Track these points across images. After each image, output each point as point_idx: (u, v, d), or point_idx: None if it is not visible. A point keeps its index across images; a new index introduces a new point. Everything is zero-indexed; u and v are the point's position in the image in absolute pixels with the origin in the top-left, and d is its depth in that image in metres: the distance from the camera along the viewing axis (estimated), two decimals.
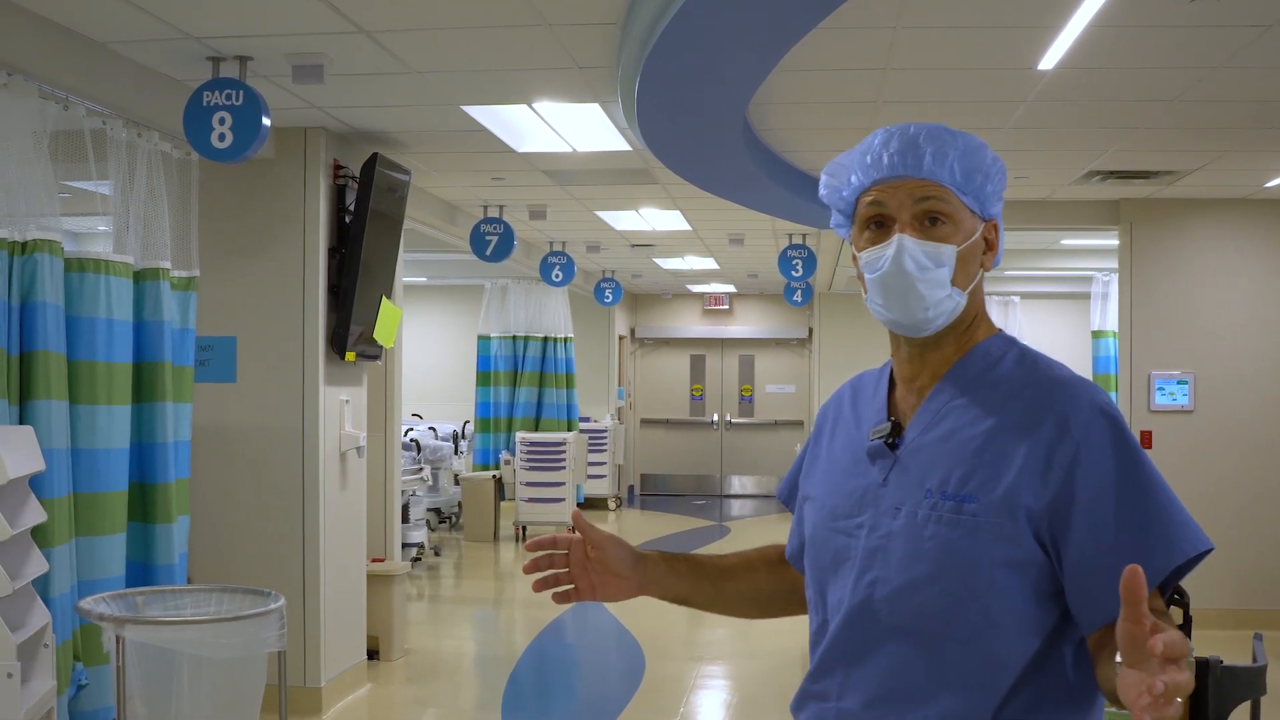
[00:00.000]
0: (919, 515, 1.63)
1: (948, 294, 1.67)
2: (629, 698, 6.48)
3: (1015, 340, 1.75)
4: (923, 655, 1.61)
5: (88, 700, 4.41)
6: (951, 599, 1.59)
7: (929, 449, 1.67)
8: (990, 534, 1.58)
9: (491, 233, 8.33)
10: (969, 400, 1.68)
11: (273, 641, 4.06)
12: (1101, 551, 1.54)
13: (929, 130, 1.69)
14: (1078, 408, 1.60)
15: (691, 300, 17.22)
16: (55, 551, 4.17)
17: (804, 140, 6.27)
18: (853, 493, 1.73)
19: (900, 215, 1.68)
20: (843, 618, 1.68)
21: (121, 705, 3.91)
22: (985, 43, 4.55)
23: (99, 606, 4.08)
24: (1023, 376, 1.67)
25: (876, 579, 1.65)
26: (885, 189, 1.69)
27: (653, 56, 3.99)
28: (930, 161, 1.67)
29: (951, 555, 1.59)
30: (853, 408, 1.85)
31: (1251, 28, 4.23)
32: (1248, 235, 7.97)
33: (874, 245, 1.70)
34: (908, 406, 1.75)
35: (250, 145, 4.61)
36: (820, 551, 1.77)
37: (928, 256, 1.66)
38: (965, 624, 1.58)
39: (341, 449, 6.12)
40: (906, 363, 1.76)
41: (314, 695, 5.84)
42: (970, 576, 1.58)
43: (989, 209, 1.72)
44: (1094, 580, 1.55)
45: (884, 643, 1.64)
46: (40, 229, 4.23)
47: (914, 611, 1.61)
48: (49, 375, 4.24)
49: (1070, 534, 1.56)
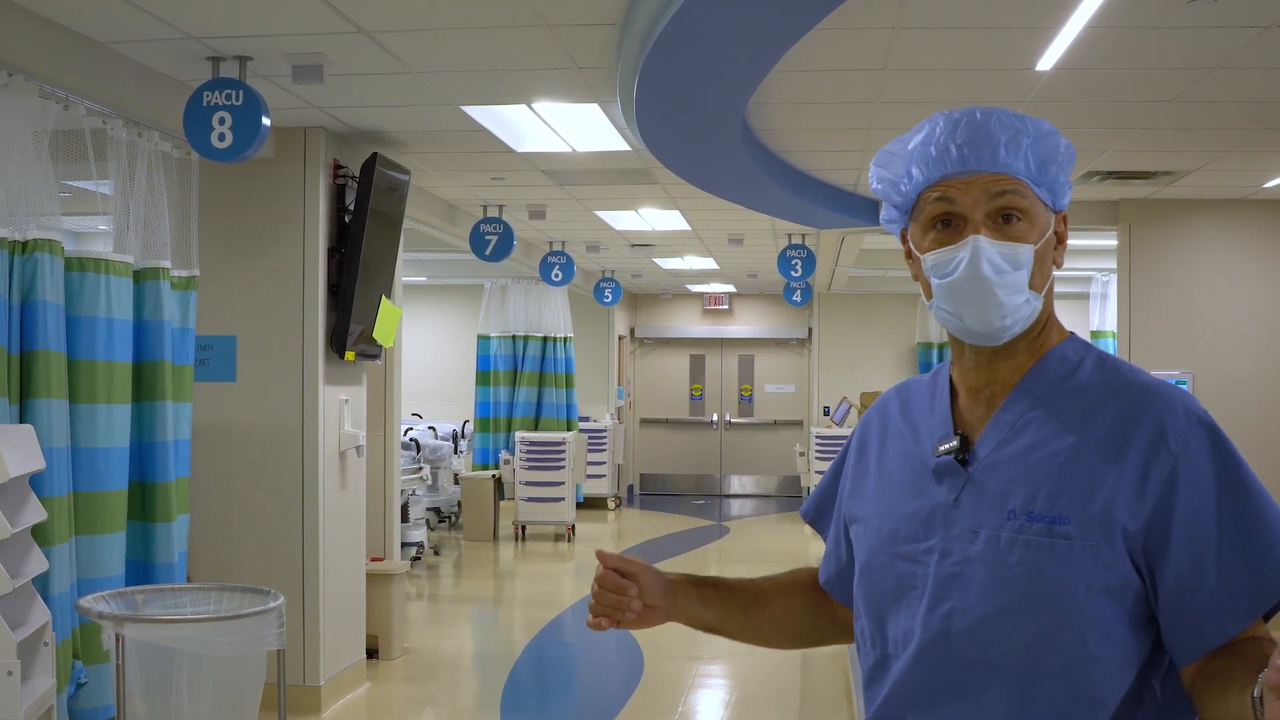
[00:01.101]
0: (1002, 538, 1.48)
1: (1026, 299, 1.52)
2: (628, 697, 6.48)
3: (1091, 344, 1.61)
4: (1010, 693, 1.46)
5: (87, 698, 4.42)
6: (1043, 630, 1.44)
7: (1008, 465, 1.52)
8: (1086, 557, 1.43)
9: (491, 232, 8.33)
10: (1048, 411, 1.53)
11: (272, 640, 4.07)
12: (1203, 575, 1.42)
13: (999, 116, 1.52)
14: (1174, 417, 1.46)
15: (691, 300, 17.22)
16: (55, 550, 4.18)
17: (803, 140, 6.28)
18: (916, 514, 1.57)
19: (973, 214, 1.51)
20: (914, 654, 1.52)
21: (121, 703, 3.91)
22: (984, 43, 4.56)
23: (99, 605, 4.09)
24: (1107, 384, 1.53)
25: (954, 610, 1.49)
26: (955, 184, 1.52)
27: (651, 56, 4.00)
28: (1004, 152, 1.51)
29: (1042, 581, 1.44)
30: (905, 419, 1.68)
31: (1249, 28, 4.24)
32: (1246, 236, 7.98)
33: (943, 247, 1.53)
34: (975, 418, 1.59)
35: (250, 145, 4.62)
36: (878, 580, 1.60)
37: (1005, 259, 1.50)
38: (1058, 657, 1.44)
39: (341, 448, 6.13)
40: (973, 371, 1.60)
41: (313, 694, 5.85)
42: (1063, 604, 1.44)
43: (1060, 200, 1.57)
44: (1194, 606, 1.42)
45: (964, 680, 1.49)
46: (41, 228, 4.24)
47: (1000, 645, 1.46)
48: (49, 374, 4.25)
49: (1169, 555, 1.43)
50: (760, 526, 14.15)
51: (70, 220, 6.08)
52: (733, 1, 3.68)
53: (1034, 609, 1.45)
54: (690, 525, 13.93)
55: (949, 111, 1.56)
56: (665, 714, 6.21)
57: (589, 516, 13.73)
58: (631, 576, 1.72)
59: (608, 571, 1.71)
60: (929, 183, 1.54)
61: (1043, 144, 1.54)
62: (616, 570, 1.71)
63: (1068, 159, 1.57)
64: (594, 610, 1.73)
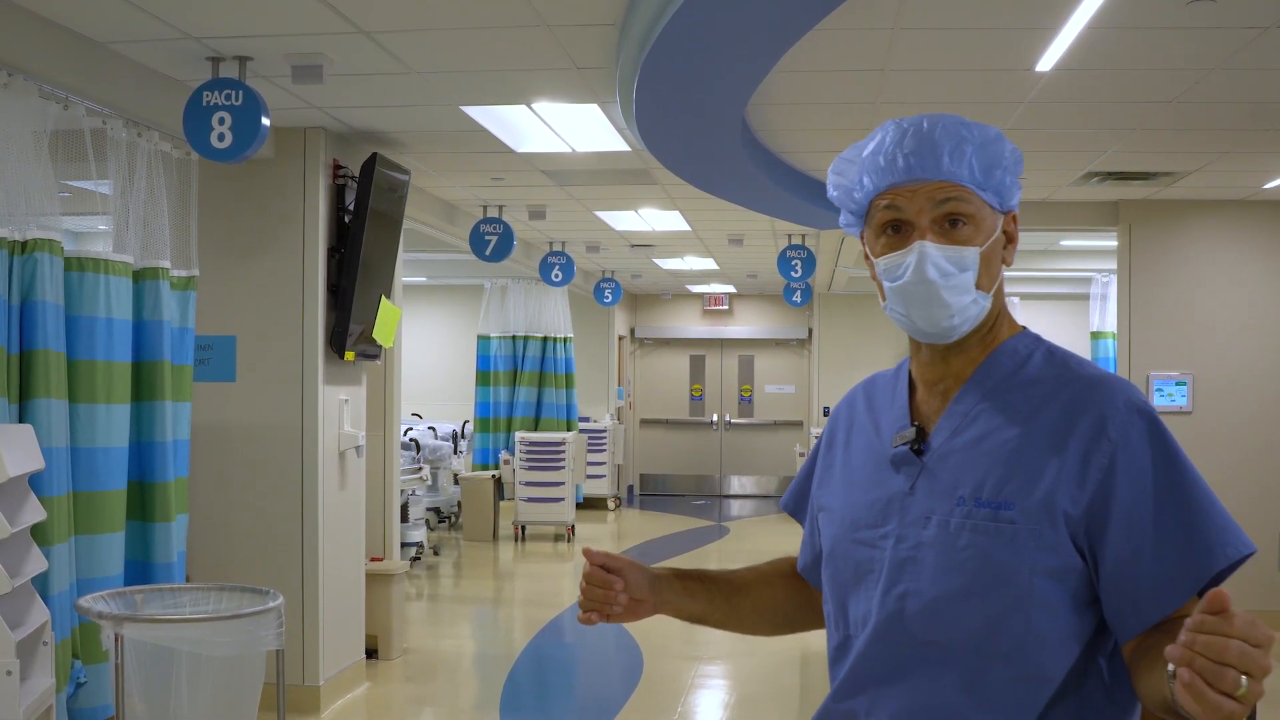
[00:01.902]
0: (952, 524, 1.56)
1: (973, 299, 1.60)
2: (627, 696, 6.49)
3: (1041, 338, 1.68)
4: (960, 670, 1.53)
5: (86, 698, 4.42)
6: (991, 611, 1.52)
7: (959, 454, 1.60)
8: (1029, 541, 1.51)
9: (491, 233, 8.33)
10: (998, 403, 1.60)
11: (271, 640, 4.07)
12: (1140, 557, 1.49)
13: (944, 125, 1.59)
14: (1114, 407, 1.53)
15: (691, 300, 17.22)
16: (54, 550, 4.18)
17: (803, 141, 6.28)
18: (875, 503, 1.65)
19: (919, 220, 1.59)
20: (870, 634, 1.61)
21: (120, 703, 3.92)
22: (983, 44, 4.56)
23: (98, 604, 4.09)
24: (1054, 376, 1.60)
25: (907, 592, 1.57)
26: (901, 192, 1.60)
27: (651, 57, 4.00)
28: (948, 161, 1.58)
29: (989, 565, 1.52)
30: (869, 412, 1.76)
31: (1249, 29, 4.24)
32: (1246, 236, 7.98)
33: (892, 252, 1.61)
34: (931, 410, 1.67)
35: (250, 145, 4.62)
36: (841, 565, 1.69)
37: (951, 262, 1.58)
38: (1006, 636, 1.51)
39: (341, 448, 6.13)
40: (929, 366, 1.68)
41: (312, 694, 5.85)
42: (1010, 586, 1.51)
43: (1008, 201, 1.64)
44: (1132, 586, 1.49)
45: (917, 658, 1.56)
46: (40, 228, 4.24)
47: (950, 625, 1.54)
48: (49, 374, 4.25)
49: (1108, 539, 1.50)
50: (760, 527, 14.15)
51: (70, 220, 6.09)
52: (732, 2, 3.68)
53: (982, 591, 1.53)
54: (690, 526, 13.93)
55: (900, 120, 1.63)
56: (665, 714, 6.21)
57: (589, 517, 13.73)
58: (617, 572, 1.80)
59: (594, 568, 1.79)
60: (878, 191, 1.62)
61: (987, 150, 1.60)
62: (603, 567, 1.79)
63: (1014, 162, 1.63)
64: (583, 605, 1.81)
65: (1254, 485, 7.74)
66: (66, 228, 4.64)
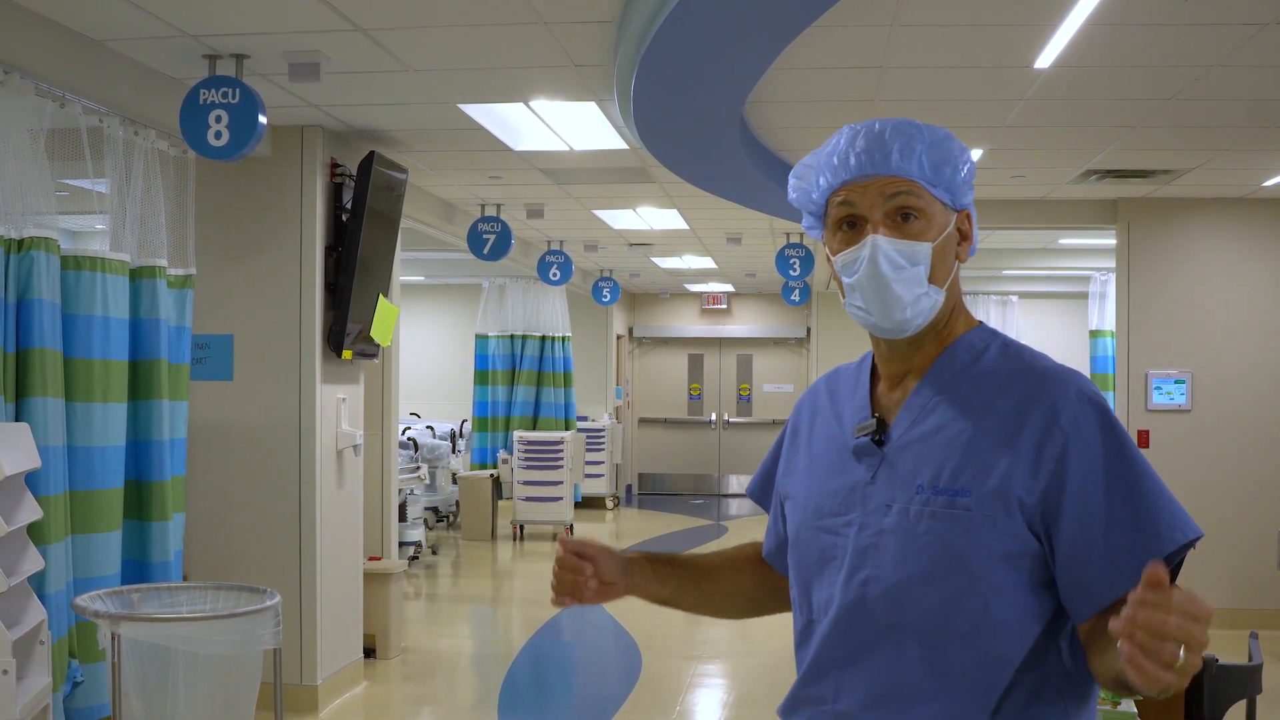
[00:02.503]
0: (911, 511, 1.61)
1: (925, 292, 1.65)
2: (625, 696, 6.48)
3: (997, 332, 1.74)
4: (921, 653, 1.59)
5: (83, 697, 4.41)
6: (949, 594, 1.58)
7: (917, 445, 1.65)
8: (985, 527, 1.56)
9: (489, 231, 8.32)
10: (954, 395, 1.66)
11: (268, 639, 4.06)
12: (1092, 541, 1.55)
13: (895, 125, 1.67)
14: (1065, 398, 1.59)
15: (689, 299, 17.22)
16: (51, 549, 4.17)
17: (801, 139, 6.27)
18: (838, 491, 1.71)
19: (872, 215, 1.65)
20: (834, 618, 1.66)
21: (117, 702, 3.91)
22: (981, 41, 4.55)
23: (94, 604, 4.08)
24: (1008, 368, 1.66)
25: (869, 577, 1.63)
26: (854, 188, 1.67)
27: (648, 54, 3.99)
28: (898, 157, 1.64)
29: (946, 550, 1.58)
30: (831, 403, 1.83)
31: (1247, 25, 4.24)
32: (1245, 235, 7.97)
33: (848, 247, 1.67)
34: (891, 402, 1.73)
35: (247, 143, 4.61)
36: (804, 551, 1.75)
37: (902, 255, 1.64)
38: (964, 619, 1.57)
39: (338, 447, 6.12)
40: (888, 360, 1.74)
41: (310, 693, 5.84)
42: (967, 571, 1.57)
43: (960, 199, 1.70)
44: (1085, 570, 1.55)
45: (880, 642, 1.62)
46: (37, 227, 4.24)
47: (910, 608, 1.60)
48: (45, 373, 4.24)
49: (1061, 525, 1.56)
50: (758, 526, 13.99)
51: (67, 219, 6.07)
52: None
53: (941, 575, 1.58)
54: (688, 525, 13.93)
55: (856, 124, 1.71)
56: (663, 713, 6.20)
57: (587, 516, 13.72)
58: (589, 558, 1.86)
59: (566, 554, 1.86)
60: (833, 188, 1.69)
61: (937, 149, 1.66)
62: (575, 553, 1.85)
63: (964, 160, 1.69)
64: (555, 589, 1.87)
65: (1253, 483, 7.74)
66: (63, 226, 4.62)
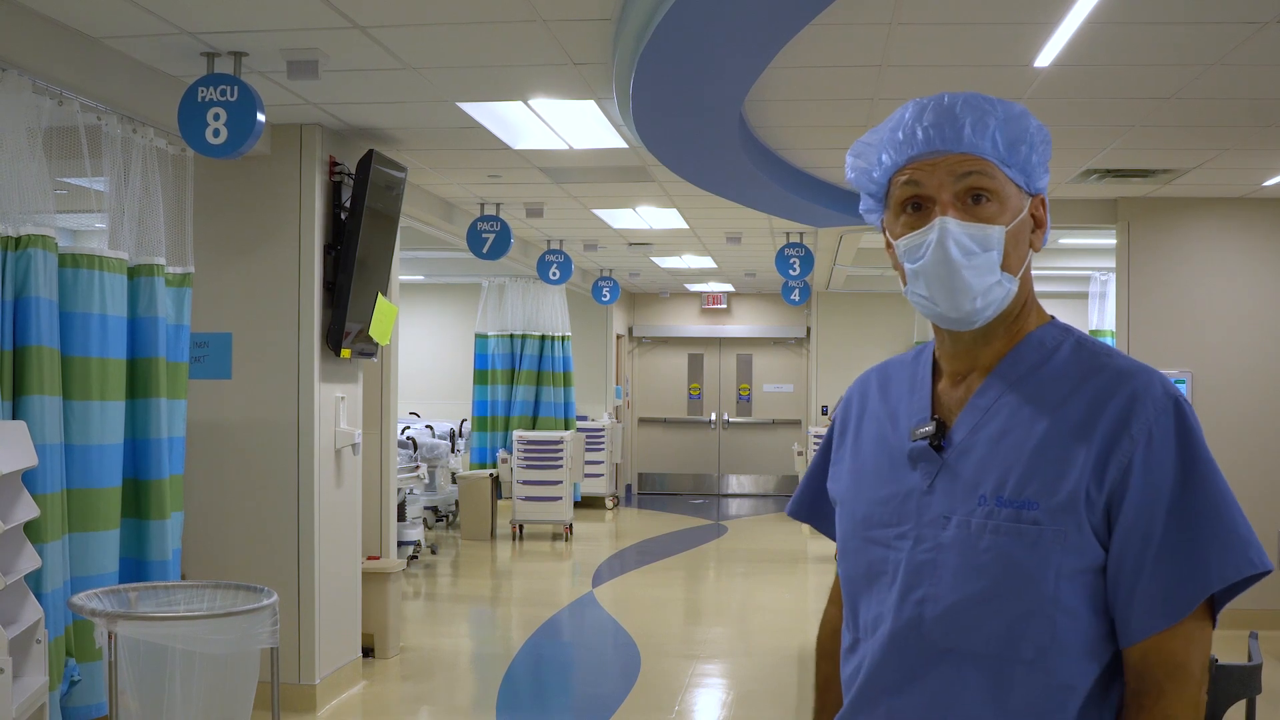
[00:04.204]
0: (972, 525, 1.47)
1: (997, 280, 1.51)
2: (624, 695, 6.47)
3: (1071, 328, 1.59)
4: (982, 680, 1.45)
5: (80, 696, 4.40)
6: (1014, 616, 1.44)
7: (980, 450, 1.51)
8: (1054, 542, 1.43)
9: (488, 230, 8.32)
10: (1023, 396, 1.52)
11: (265, 638, 4.06)
12: (1140, 567, 1.43)
13: (965, 99, 1.52)
14: (1140, 402, 1.45)
15: (689, 299, 17.21)
16: (48, 547, 4.17)
17: (800, 137, 6.26)
18: (889, 499, 1.56)
19: (940, 195, 1.50)
20: (885, 640, 1.52)
21: (114, 701, 3.90)
22: (981, 39, 4.55)
23: (91, 602, 4.08)
24: (1080, 368, 1.52)
25: (925, 597, 1.49)
26: (921, 166, 1.51)
27: (647, 52, 3.99)
28: (970, 132, 1.50)
29: (1011, 568, 1.44)
30: (883, 400, 1.67)
31: (1246, 24, 4.23)
32: (1245, 234, 7.97)
33: (912, 231, 1.52)
34: (953, 402, 1.57)
35: (245, 141, 4.60)
36: (851, 564, 1.61)
37: (974, 240, 1.49)
38: (1029, 644, 1.44)
39: (337, 446, 6.12)
40: (952, 355, 1.59)
41: (308, 692, 5.83)
42: (1034, 590, 1.44)
43: (1035, 182, 1.55)
44: (1128, 596, 1.44)
45: (936, 667, 1.48)
46: (35, 225, 4.23)
47: (971, 631, 1.46)
48: (42, 371, 4.23)
49: (1113, 541, 1.44)
50: (758, 526, 14.13)
51: (65, 217, 6.06)
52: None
53: (1005, 596, 1.45)
54: (688, 525, 13.92)
55: (921, 98, 1.56)
56: (662, 713, 6.19)
57: (587, 516, 13.71)
58: None
59: None
60: (897, 166, 1.54)
61: (1012, 125, 1.52)
62: None
63: (1040, 140, 1.55)
64: None
65: (1253, 483, 7.72)
66: (61, 224, 4.62)
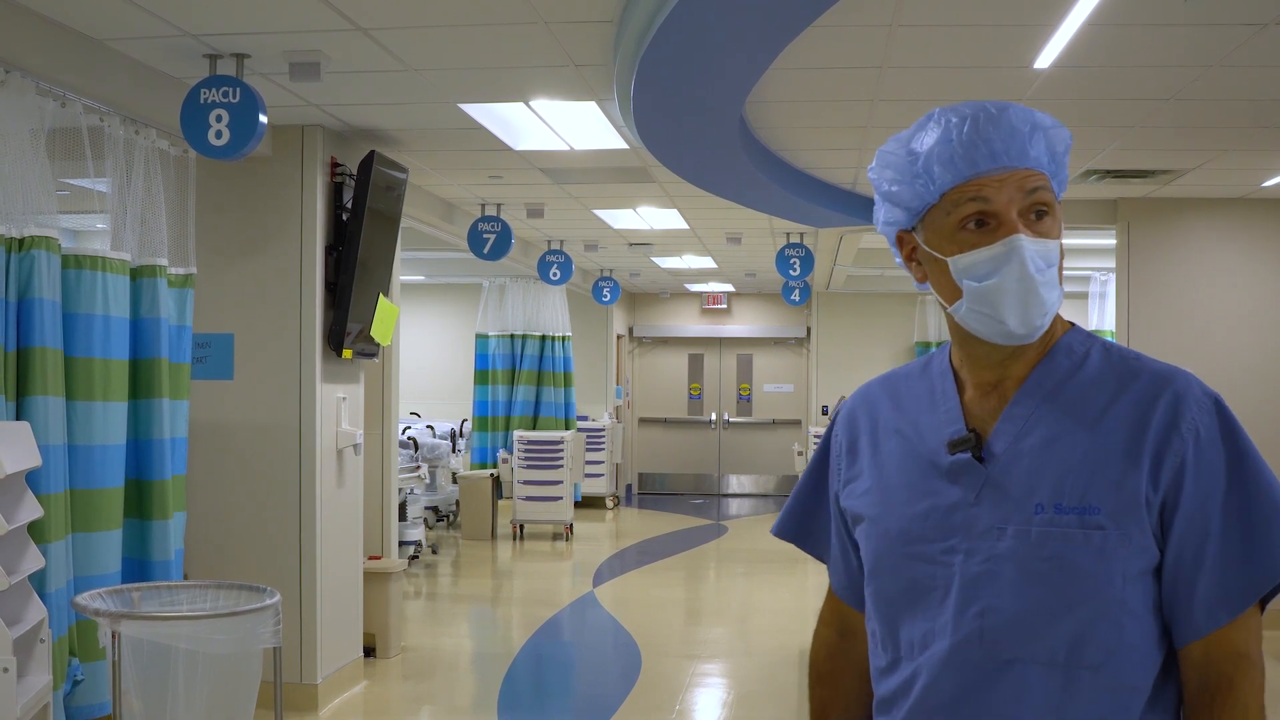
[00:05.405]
0: (1033, 534, 1.46)
1: (1058, 294, 1.51)
2: (625, 695, 6.48)
3: (1092, 334, 1.60)
4: (1048, 688, 1.45)
5: (83, 696, 4.41)
6: (1081, 622, 1.44)
7: (1028, 459, 1.49)
8: (1119, 545, 1.44)
9: (489, 231, 8.33)
10: (1062, 403, 1.51)
11: (268, 637, 4.07)
12: (1200, 563, 1.44)
13: (1016, 110, 1.49)
14: (1185, 402, 1.48)
15: (689, 299, 17.22)
16: (51, 547, 4.18)
17: (800, 139, 6.28)
18: (929, 514, 1.53)
19: (1008, 212, 1.47)
20: (944, 657, 1.49)
21: (117, 701, 3.91)
22: (982, 41, 4.56)
23: (95, 602, 4.09)
24: (1116, 373, 1.53)
25: (987, 608, 1.47)
26: (988, 182, 1.47)
27: (648, 54, 4.00)
28: (1030, 147, 1.48)
29: (1077, 574, 1.44)
30: (899, 414, 1.63)
31: (1246, 26, 4.24)
32: (1245, 235, 7.98)
33: (976, 249, 1.48)
34: (985, 413, 1.55)
35: (247, 143, 4.61)
36: (888, 583, 1.58)
37: (1043, 257, 1.48)
38: (1097, 649, 1.44)
39: (338, 446, 6.13)
40: (985, 367, 1.56)
41: (310, 692, 5.84)
42: (1101, 595, 1.44)
43: (1062, 191, 1.57)
44: (1189, 593, 1.45)
45: (1000, 679, 1.46)
46: (38, 226, 4.24)
47: (1037, 640, 1.45)
48: (45, 371, 4.24)
49: (1171, 540, 1.45)
50: (758, 526, 14.13)
51: (67, 218, 6.08)
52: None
53: (1071, 602, 1.45)
54: (688, 525, 13.93)
55: (954, 107, 1.52)
56: (662, 712, 6.20)
57: (587, 516, 13.72)
58: None
59: None
60: (958, 182, 1.49)
61: (1052, 136, 1.52)
62: None
63: (1066, 151, 1.56)
64: None
65: None
66: (64, 225, 4.63)
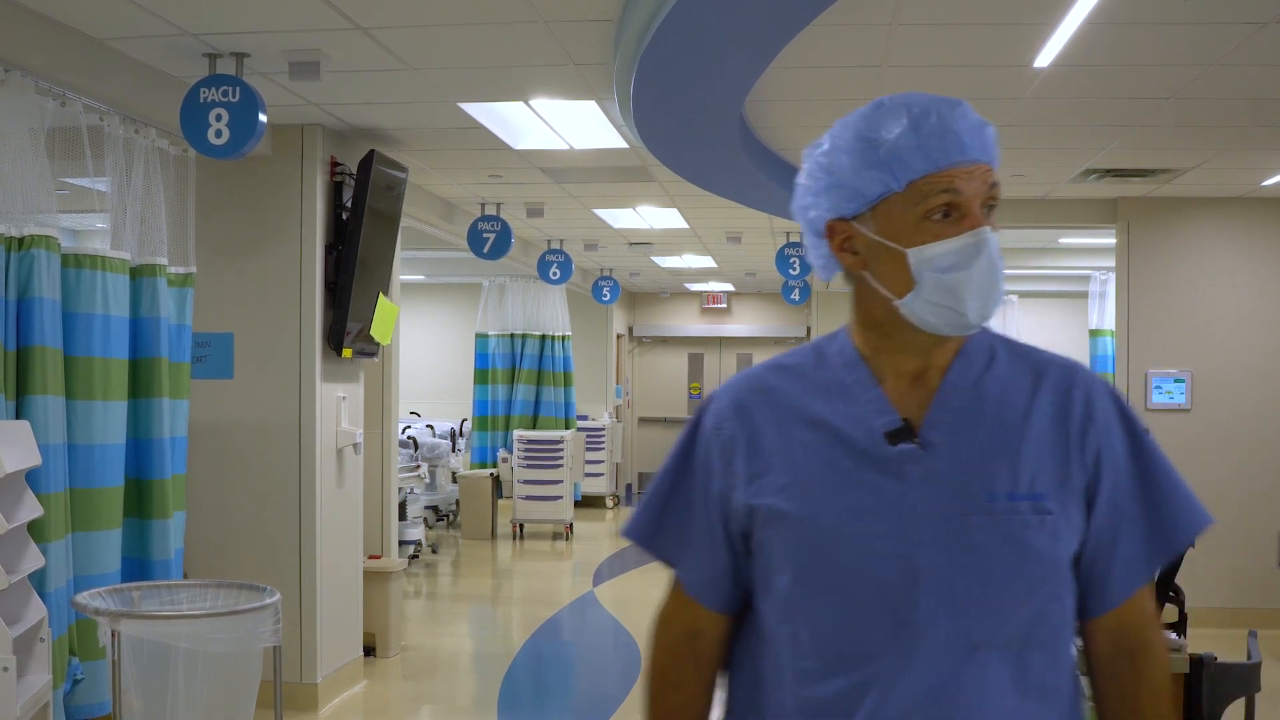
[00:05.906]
0: (995, 521, 1.47)
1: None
2: (625, 694, 6.48)
3: (988, 328, 1.61)
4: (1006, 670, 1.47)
5: (83, 695, 4.42)
6: (1036, 605, 1.48)
7: (970, 448, 1.51)
8: (1064, 528, 1.49)
9: (489, 230, 8.33)
10: (988, 395, 1.54)
11: (268, 637, 4.07)
12: (1117, 538, 1.53)
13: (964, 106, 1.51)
14: (1094, 392, 1.55)
15: (689, 299, 17.22)
16: (51, 546, 4.18)
17: (800, 137, 6.27)
18: (865, 507, 1.50)
19: (973, 205, 1.48)
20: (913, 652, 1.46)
21: (117, 700, 3.91)
22: (981, 40, 4.56)
23: (95, 601, 4.09)
24: (1029, 366, 1.57)
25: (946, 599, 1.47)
26: (960, 174, 1.47)
27: (648, 53, 4.00)
28: (987, 142, 1.51)
29: (1034, 558, 1.47)
30: (809, 404, 1.57)
31: (1246, 25, 4.24)
32: (1245, 234, 7.97)
33: (943, 239, 1.47)
34: (912, 403, 1.54)
35: (247, 142, 4.61)
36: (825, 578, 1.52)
37: (999, 250, 1.51)
38: (1047, 628, 1.49)
39: (338, 446, 6.13)
40: (909, 357, 1.55)
41: (310, 691, 5.84)
42: (1055, 576, 1.49)
43: None
44: (1105, 567, 1.53)
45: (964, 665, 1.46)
46: (37, 225, 4.24)
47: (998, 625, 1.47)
48: (45, 371, 4.24)
49: (1093, 519, 1.52)
50: None
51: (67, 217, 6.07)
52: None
53: (1027, 587, 1.49)
54: None
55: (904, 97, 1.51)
56: None
57: (587, 515, 13.72)
58: None
59: None
60: (931, 171, 1.47)
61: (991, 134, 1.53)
62: None
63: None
64: None
65: (1253, 482, 7.74)
66: (64, 225, 4.63)
